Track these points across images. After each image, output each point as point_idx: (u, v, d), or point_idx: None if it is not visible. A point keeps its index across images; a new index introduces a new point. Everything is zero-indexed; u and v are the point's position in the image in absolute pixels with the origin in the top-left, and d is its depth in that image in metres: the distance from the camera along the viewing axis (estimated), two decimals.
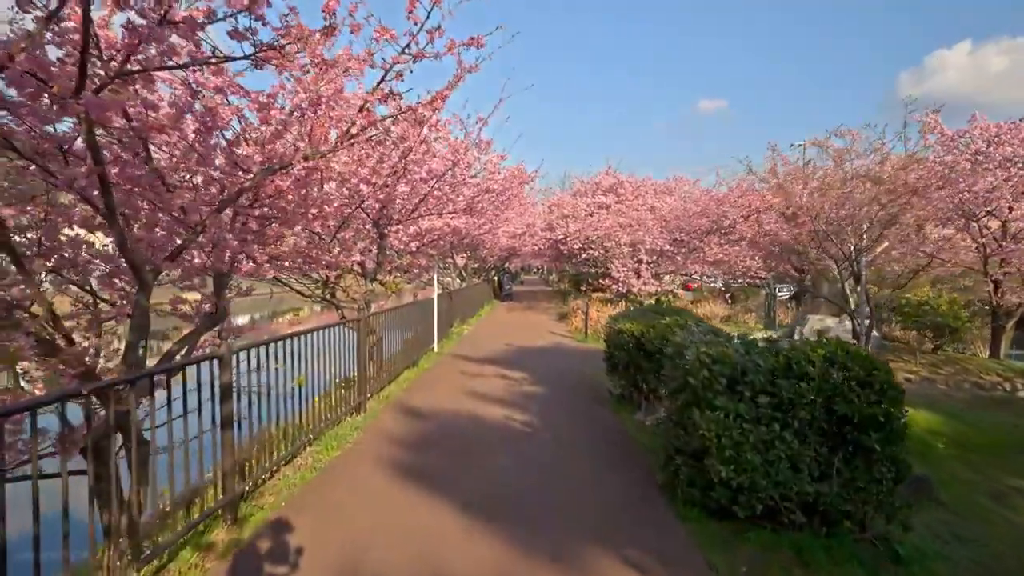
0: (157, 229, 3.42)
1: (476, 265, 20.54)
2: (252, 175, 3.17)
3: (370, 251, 7.35)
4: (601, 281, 13.77)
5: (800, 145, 15.84)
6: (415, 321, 8.54)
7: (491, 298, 22.82)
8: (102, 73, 2.52)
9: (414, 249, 7.80)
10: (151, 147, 3.51)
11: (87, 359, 3.08)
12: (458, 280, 16.86)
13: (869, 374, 3.01)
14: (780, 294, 21.36)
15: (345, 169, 4.71)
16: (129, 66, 2.37)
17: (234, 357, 3.28)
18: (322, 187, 4.93)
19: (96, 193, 2.75)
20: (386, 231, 6.94)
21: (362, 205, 5.73)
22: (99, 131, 3.04)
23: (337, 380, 5.42)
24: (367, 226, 6.98)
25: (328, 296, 6.95)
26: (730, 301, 17.26)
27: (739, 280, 16.54)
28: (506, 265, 26.27)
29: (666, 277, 13.48)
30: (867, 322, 7.23)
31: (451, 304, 11.89)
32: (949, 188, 8.92)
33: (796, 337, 11.70)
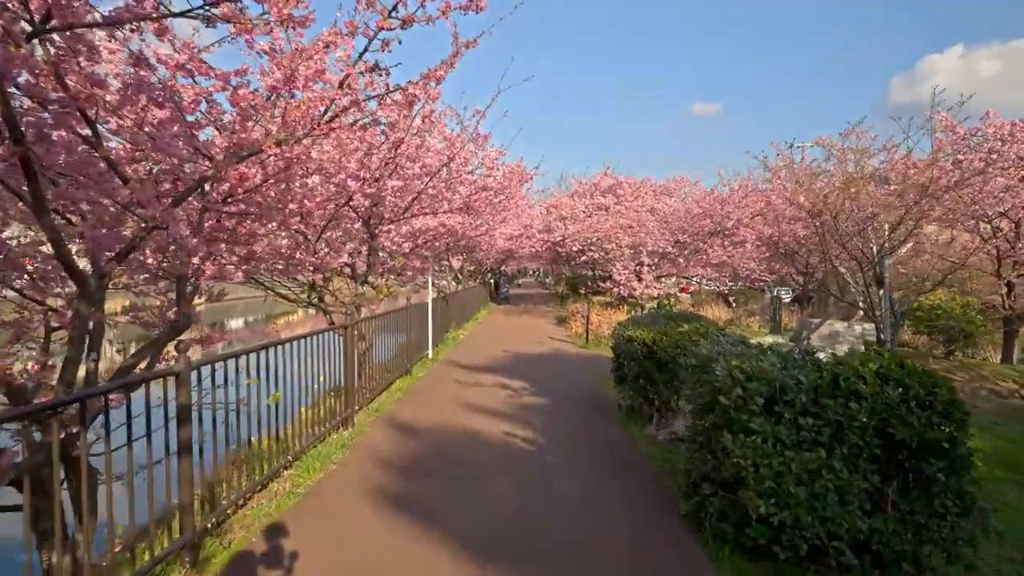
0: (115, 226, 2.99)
1: (472, 267, 20.13)
2: (215, 163, 2.74)
3: (360, 252, 6.92)
4: (601, 284, 13.35)
5: (800, 146, 15.59)
6: (408, 326, 8.10)
7: (487, 301, 22.39)
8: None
9: (407, 250, 7.37)
10: (106, 132, 3.08)
11: (18, 378, 2.63)
12: (454, 283, 16.44)
13: (930, 392, 2.61)
14: (783, 297, 21.03)
15: (327, 159, 4.28)
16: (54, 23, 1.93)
17: (194, 373, 2.84)
18: (305, 182, 4.51)
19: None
20: (377, 231, 6.51)
21: (350, 202, 5.30)
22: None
23: (324, 391, 4.98)
24: (356, 225, 6.55)
25: (315, 300, 6.50)
26: (734, 304, 16.85)
27: (740, 283, 16.20)
28: (503, 268, 25.86)
29: (669, 280, 13.07)
30: (889, 329, 6.85)
31: (446, 308, 11.45)
32: (966, 188, 8.59)
33: (804, 342, 11.34)
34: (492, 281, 24.92)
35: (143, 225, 2.59)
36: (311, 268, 6.02)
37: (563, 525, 3.27)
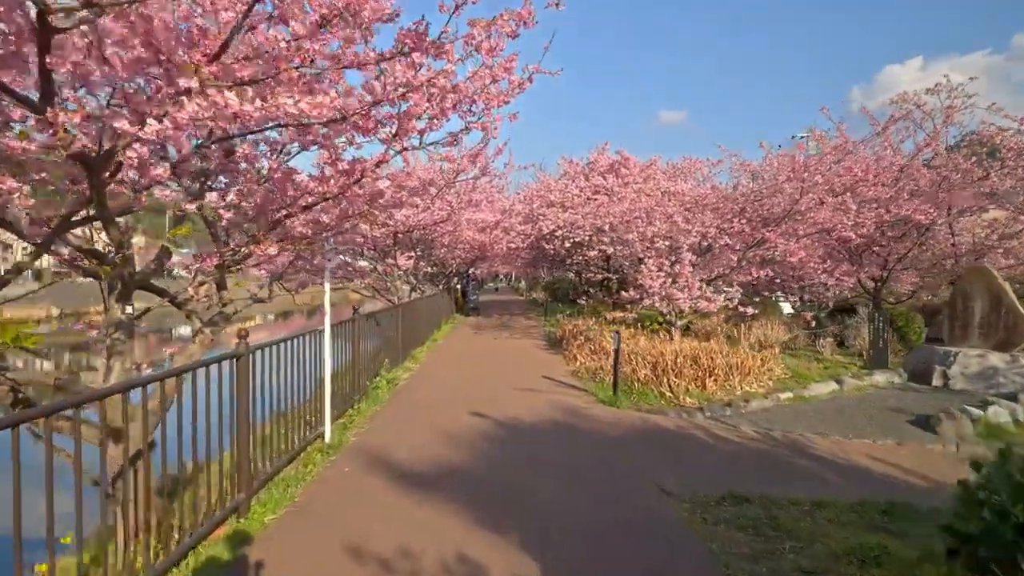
0: None
1: (433, 269, 15.52)
2: None
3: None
4: (624, 293, 9.05)
5: (805, 136, 12.30)
6: (266, 386, 3.55)
7: (452, 313, 17.78)
8: None
9: (228, 210, 2.85)
10: None
11: None
12: (406, 288, 11.84)
13: None
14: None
15: None
16: None
17: None
18: None
19: None
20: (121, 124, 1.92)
21: None
22: None
23: None
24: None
25: None
26: (800, 322, 12.67)
27: (805, 292, 12.33)
28: (472, 270, 21.30)
29: (726, 287, 8.90)
30: None
31: (376, 332, 6.87)
32: None
33: (938, 382, 7.32)
34: (458, 287, 20.33)
35: None
36: None
37: None
